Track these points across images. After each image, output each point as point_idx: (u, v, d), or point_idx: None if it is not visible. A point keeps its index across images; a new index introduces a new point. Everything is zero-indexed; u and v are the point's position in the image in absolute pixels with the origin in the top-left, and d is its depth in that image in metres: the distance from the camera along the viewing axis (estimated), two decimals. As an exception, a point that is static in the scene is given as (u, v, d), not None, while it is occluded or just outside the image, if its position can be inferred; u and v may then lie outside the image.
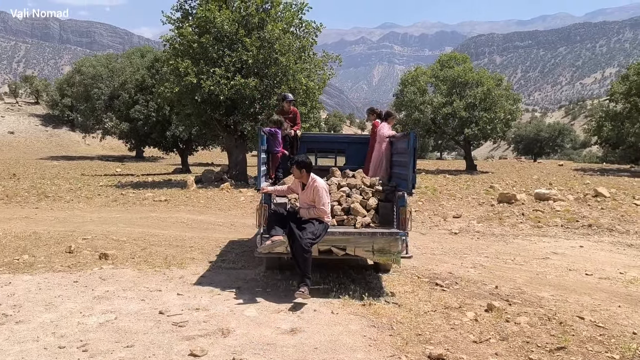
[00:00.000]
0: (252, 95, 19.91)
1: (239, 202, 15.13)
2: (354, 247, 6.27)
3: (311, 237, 5.99)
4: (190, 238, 9.70)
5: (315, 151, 9.57)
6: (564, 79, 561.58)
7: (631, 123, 41.95)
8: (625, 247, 8.98)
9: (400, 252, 6.20)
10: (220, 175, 22.25)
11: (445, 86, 42.33)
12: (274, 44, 19.94)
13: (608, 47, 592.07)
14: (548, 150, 79.09)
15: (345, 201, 7.07)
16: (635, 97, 42.38)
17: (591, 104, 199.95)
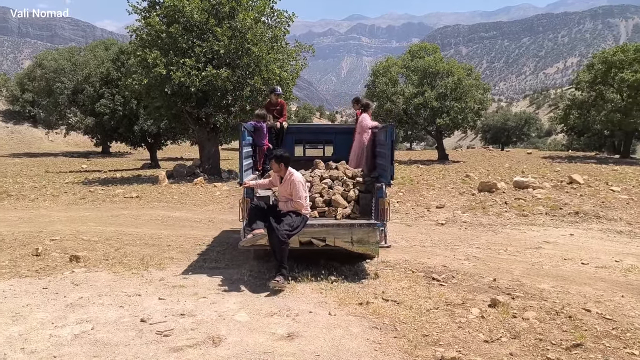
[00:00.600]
0: (224, 86, 19.29)
1: (214, 197, 14.59)
2: (334, 238, 6.45)
3: (288, 228, 6.15)
4: (167, 236, 9.19)
5: (303, 142, 9.60)
6: (527, 69, 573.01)
7: (597, 111, 42.73)
8: (615, 234, 8.90)
9: (379, 242, 6.44)
10: (192, 170, 21.59)
11: (417, 76, 42.31)
12: (245, 33, 19.34)
13: (569, 37, 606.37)
14: (515, 139, 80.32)
15: (327, 193, 7.21)
16: (600, 85, 43.20)
17: (554, 93, 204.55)
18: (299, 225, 6.32)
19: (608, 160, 40.06)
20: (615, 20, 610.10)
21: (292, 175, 6.46)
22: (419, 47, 46.09)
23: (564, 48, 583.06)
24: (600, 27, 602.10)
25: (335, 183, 7.42)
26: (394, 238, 8.82)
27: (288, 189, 6.46)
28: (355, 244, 6.44)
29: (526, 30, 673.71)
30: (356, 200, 7.15)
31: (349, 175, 7.59)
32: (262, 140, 8.61)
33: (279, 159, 6.46)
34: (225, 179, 20.91)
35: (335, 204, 7.04)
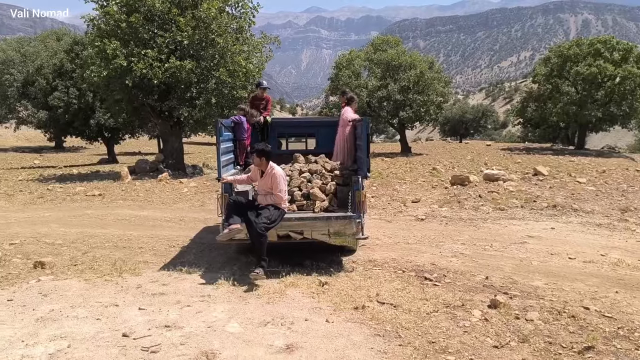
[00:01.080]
0: (189, 78, 18.64)
1: (182, 194, 14.04)
2: (311, 230, 6.55)
3: (266, 221, 6.23)
4: (137, 237, 8.68)
5: (286, 136, 9.73)
6: (483, 63, 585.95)
7: (553, 104, 43.81)
8: (595, 227, 8.96)
9: (356, 234, 6.50)
10: (155, 165, 20.83)
11: (380, 69, 42.35)
12: (210, 24, 18.73)
13: (522, 31, 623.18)
14: (472, 131, 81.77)
15: (305, 187, 7.30)
16: (556, 78, 44.30)
17: (509, 86, 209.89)
18: (277, 219, 6.39)
19: (564, 151, 41.22)
20: (566, 15, 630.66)
21: (274, 169, 6.54)
22: (381, 40, 46.14)
23: (517, 42, 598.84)
24: (551, 22, 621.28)
25: (314, 177, 7.47)
26: (376, 235, 8.62)
27: (269, 182, 6.51)
28: (333, 236, 6.53)
29: (481, 24, 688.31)
30: (334, 193, 7.24)
31: (327, 169, 7.65)
32: (243, 135, 8.58)
33: (261, 153, 6.49)
34: (190, 175, 20.29)
35: (313, 197, 7.10)
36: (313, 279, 6.01)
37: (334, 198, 7.19)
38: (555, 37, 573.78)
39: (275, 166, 6.62)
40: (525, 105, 48.38)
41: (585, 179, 15.36)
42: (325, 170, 7.63)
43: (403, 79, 41.96)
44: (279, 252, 7.07)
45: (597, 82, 41.52)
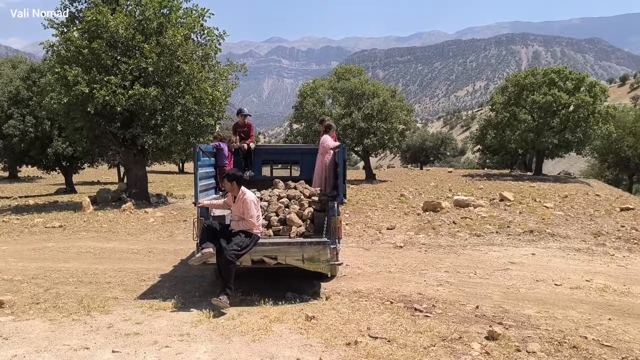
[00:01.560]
0: (153, 105, 18.20)
1: (148, 224, 13.46)
2: (285, 256, 6.53)
3: (236, 248, 6.24)
4: (104, 271, 8.16)
5: (270, 162, 9.82)
6: (440, 92, 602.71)
7: (512, 131, 45.00)
8: (574, 251, 8.98)
9: (330, 260, 6.49)
10: (118, 195, 20.08)
11: (343, 98, 42.79)
12: (176, 50, 18.44)
13: (477, 62, 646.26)
14: (432, 158, 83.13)
15: (282, 212, 7.32)
16: (513, 106, 45.73)
17: (466, 115, 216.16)
18: (249, 245, 6.39)
19: (523, 177, 42.21)
20: (517, 47, 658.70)
21: (245, 194, 6.54)
22: (344, 69, 46.80)
23: (472, 72, 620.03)
24: (504, 53, 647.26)
25: (292, 202, 7.48)
26: (356, 263, 8.39)
27: (240, 207, 6.52)
28: (307, 262, 6.51)
29: (438, 55, 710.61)
30: (311, 219, 7.23)
31: (306, 195, 7.67)
32: (224, 161, 8.65)
33: (231, 178, 6.51)
34: (154, 204, 19.63)
35: (290, 222, 7.09)
36: (299, 313, 5.69)
37: (311, 224, 7.17)
38: (508, 67, 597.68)
39: (246, 191, 6.60)
40: (485, 132, 49.57)
41: (552, 204, 15.61)
42: (304, 196, 7.64)
43: (367, 107, 42.49)
44: (258, 286, 6.74)
45: (552, 110, 43.00)
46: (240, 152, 9.28)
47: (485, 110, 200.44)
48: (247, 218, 6.43)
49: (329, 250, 6.46)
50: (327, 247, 6.45)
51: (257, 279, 7.53)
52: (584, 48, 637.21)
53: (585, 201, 18.29)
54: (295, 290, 6.68)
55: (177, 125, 18.78)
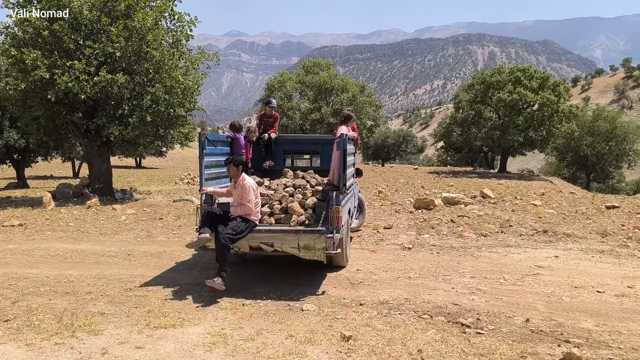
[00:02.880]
0: (121, 94, 16.87)
1: (121, 223, 12.25)
2: (281, 243, 6.65)
3: (230, 232, 6.37)
4: (80, 279, 7.07)
5: (291, 153, 9.92)
6: (399, 90, 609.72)
7: (477, 129, 45.27)
8: (598, 254, 8.46)
9: (327, 249, 6.47)
10: (79, 190, 18.59)
11: (312, 92, 42.02)
12: (145, 35, 17.15)
13: (435, 61, 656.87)
14: (393, 155, 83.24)
15: (286, 201, 7.32)
16: (479, 104, 46.04)
17: (425, 113, 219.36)
18: (244, 230, 6.50)
19: (488, 174, 42.46)
20: (474, 47, 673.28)
21: (244, 180, 6.70)
22: (312, 63, 46.06)
23: (430, 71, 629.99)
24: (461, 53, 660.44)
25: (297, 191, 7.54)
26: (369, 268, 7.61)
27: (240, 193, 6.66)
28: (302, 250, 6.60)
29: (397, 53, 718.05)
30: (313, 208, 7.22)
31: (312, 184, 7.75)
32: (241, 151, 8.63)
33: (237, 163, 6.72)
34: (120, 200, 18.29)
35: (291, 211, 7.11)
36: (329, 331, 4.85)
37: (313, 213, 7.15)
38: (464, 67, 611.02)
39: (246, 177, 6.77)
40: (451, 129, 49.73)
41: (540, 202, 15.28)
42: (310, 185, 7.71)
43: (336, 102, 41.85)
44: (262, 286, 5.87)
45: (517, 109, 43.48)
46: (261, 141, 9.48)
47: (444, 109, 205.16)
48: (244, 203, 6.57)
49: (325, 239, 6.47)
50: (323, 235, 6.49)
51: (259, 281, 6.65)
52: (537, 50, 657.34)
53: (565, 199, 18.10)
54: (317, 304, 5.82)
55: (146, 116, 17.45)
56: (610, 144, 52.34)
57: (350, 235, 9.58)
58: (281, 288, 6.57)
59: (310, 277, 7.11)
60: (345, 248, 7.64)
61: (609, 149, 52.63)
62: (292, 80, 42.74)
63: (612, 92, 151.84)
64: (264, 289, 6.55)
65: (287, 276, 7.22)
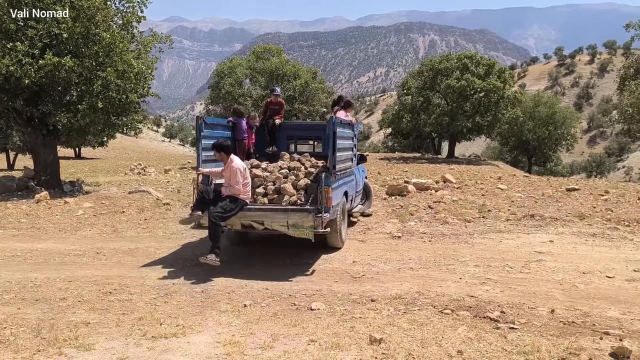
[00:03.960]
0: (69, 78, 15.61)
1: (79, 217, 11.26)
2: (271, 221, 6.95)
3: (220, 211, 6.75)
4: (49, 283, 6.29)
5: (294, 138, 10.14)
6: (343, 78, 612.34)
7: (427, 115, 45.84)
8: (591, 237, 8.38)
9: (315, 227, 6.76)
10: (24, 183, 17.17)
11: (263, 78, 41.17)
12: (94, 15, 15.92)
13: (378, 49, 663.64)
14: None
15: (279, 182, 7.60)
16: (428, 91, 46.60)
17: (369, 100, 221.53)
18: (233, 209, 6.85)
19: (437, 160, 43.08)
20: (415, 35, 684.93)
21: (232, 161, 7.00)
22: (262, 48, 45.13)
23: (373, 59, 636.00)
24: (403, 41, 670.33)
25: (291, 173, 7.75)
26: (365, 259, 7.24)
27: (228, 174, 7.00)
28: (291, 228, 6.87)
29: (340, 41, 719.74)
30: (305, 189, 7.47)
31: (306, 167, 7.99)
32: (243, 135, 8.94)
33: (219, 148, 7.02)
34: (69, 193, 17.06)
35: (283, 191, 7.37)
36: (352, 333, 4.42)
37: (305, 194, 7.39)
38: (406, 55, 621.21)
39: (234, 159, 7.06)
40: (400, 116, 50.10)
41: (505, 186, 15.40)
42: (305, 167, 7.93)
43: (288, 88, 41.23)
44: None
45: (465, 95, 44.29)
46: (266, 127, 9.77)
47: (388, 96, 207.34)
48: (232, 184, 6.91)
49: (313, 218, 6.72)
50: (310, 214, 6.74)
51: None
52: (475, 38, 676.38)
53: (522, 183, 18.40)
54: (326, 301, 5.37)
55: (97, 102, 16.26)
56: (550, 128, 54.53)
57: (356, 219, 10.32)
58: (274, 280, 6.08)
59: (301, 268, 6.69)
60: (340, 229, 7.90)
61: (549, 134, 54.84)
62: (242, 66, 41.67)
63: (546, 79, 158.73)
64: (255, 282, 6.07)
65: (274, 268, 6.75)
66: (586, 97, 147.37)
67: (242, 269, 6.98)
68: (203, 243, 8.60)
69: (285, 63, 42.26)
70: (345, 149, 8.48)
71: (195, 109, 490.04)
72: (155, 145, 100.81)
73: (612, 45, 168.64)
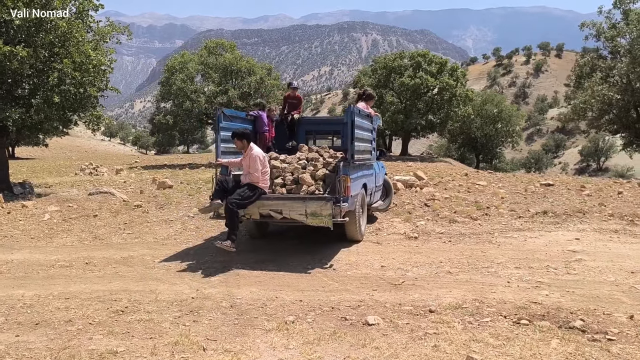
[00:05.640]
0: (22, 70, 14.19)
1: (48, 223, 10.00)
2: (289, 210, 6.94)
3: (237, 197, 6.75)
4: (41, 301, 5.34)
5: (313, 133, 10.03)
6: (287, 76, 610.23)
7: (381, 113, 45.97)
8: (614, 233, 8.13)
9: (334, 216, 6.73)
10: (-31, 185, 15.50)
11: (217, 74, 39.98)
12: (50, 1, 14.57)
13: (322, 48, 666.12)
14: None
15: (297, 172, 7.56)
16: (381, 89, 46.81)
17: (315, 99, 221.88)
18: (251, 196, 6.84)
19: (391, 157, 43.26)
20: (358, 34, 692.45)
21: (252, 149, 7.08)
22: (215, 43, 43.93)
23: (317, 57, 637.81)
24: (346, 40, 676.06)
25: (309, 164, 7.72)
26: (392, 264, 6.68)
27: (248, 162, 7.03)
28: (310, 217, 6.85)
29: (284, 39, 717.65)
30: (323, 179, 7.43)
31: (324, 157, 7.87)
32: (264, 128, 8.99)
33: (241, 136, 7.13)
34: (21, 195, 15.56)
35: (302, 181, 7.35)
36: (447, 354, 3.86)
37: (323, 184, 7.36)
38: (350, 54, 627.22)
39: (254, 147, 7.16)
40: (355, 114, 49.95)
41: (485, 182, 15.32)
42: (323, 158, 7.83)
43: (243, 85, 40.27)
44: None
45: (419, 93, 44.78)
46: (285, 122, 9.77)
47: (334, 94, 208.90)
48: (252, 172, 6.94)
49: (331, 206, 6.68)
50: (329, 202, 6.70)
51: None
52: (416, 38, 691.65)
53: (494, 179, 18.49)
54: (385, 319, 4.78)
55: (53, 97, 14.88)
56: (497, 126, 56.23)
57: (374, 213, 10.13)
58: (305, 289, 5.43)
59: (328, 274, 6.06)
60: (359, 221, 7.85)
61: (496, 131, 56.52)
62: (194, 62, 40.27)
63: (486, 78, 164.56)
64: (283, 292, 5.42)
65: (295, 273, 6.10)
66: (523, 96, 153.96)
67: (263, 277, 6.27)
68: (204, 249, 7.81)
69: (240, 59, 41.23)
70: (364, 140, 8.35)
71: (135, 107, 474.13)
72: (94, 144, 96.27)
73: (546, 46, 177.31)
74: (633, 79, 24.26)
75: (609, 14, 25.67)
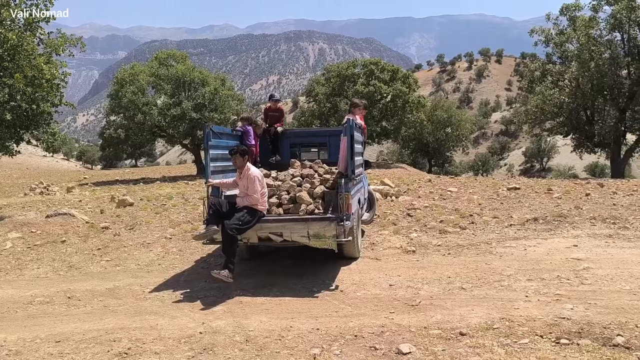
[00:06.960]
0: (-32, 86, 13.20)
1: (13, 251, 9.03)
2: (290, 232, 6.52)
3: (237, 223, 6.27)
4: (29, 347, 4.72)
5: (298, 146, 9.70)
6: (236, 85, 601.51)
7: (337, 121, 46.09)
8: (609, 238, 8.11)
9: (337, 236, 6.36)
10: None
11: (169, 86, 38.91)
12: (-2, 12, 13.65)
13: (269, 57, 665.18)
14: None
15: (294, 190, 7.21)
16: (335, 97, 46.96)
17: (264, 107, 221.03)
18: (251, 221, 6.38)
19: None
20: (305, 43, 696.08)
21: (249, 169, 6.64)
22: (166, 54, 42.85)
23: (265, 67, 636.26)
24: (293, 49, 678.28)
25: (305, 181, 7.40)
26: (399, 282, 6.42)
27: (245, 183, 6.58)
28: (312, 239, 6.47)
29: (231, 48, 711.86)
30: (322, 197, 7.11)
31: (320, 173, 7.60)
32: (252, 142, 8.65)
33: (242, 153, 6.70)
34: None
35: (299, 200, 7.01)
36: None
37: (322, 202, 7.05)
38: (297, 62, 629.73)
39: (251, 167, 6.74)
40: (310, 122, 50.05)
41: (455, 188, 15.42)
42: (318, 174, 7.57)
43: (197, 96, 39.40)
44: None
45: (373, 100, 45.15)
46: (267, 136, 9.34)
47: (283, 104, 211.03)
48: (250, 193, 6.47)
49: (335, 226, 6.32)
50: (333, 223, 6.34)
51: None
52: (362, 47, 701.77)
53: (459, 183, 18.72)
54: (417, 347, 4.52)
55: (4, 114, 13.92)
56: (447, 130, 57.57)
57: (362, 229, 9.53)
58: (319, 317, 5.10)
59: (335, 296, 5.76)
60: (357, 238, 7.57)
61: (447, 136, 57.84)
62: (144, 73, 39.04)
63: (431, 85, 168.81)
64: (296, 320, 5.08)
65: (299, 296, 5.76)
66: (467, 101, 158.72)
67: (269, 303, 5.89)
68: (195, 274, 7.33)
69: (192, 69, 40.33)
70: (359, 154, 8.02)
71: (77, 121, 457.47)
72: (36, 161, 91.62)
73: (487, 52, 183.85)
74: (582, 82, 25.28)
75: (556, 20, 26.71)
